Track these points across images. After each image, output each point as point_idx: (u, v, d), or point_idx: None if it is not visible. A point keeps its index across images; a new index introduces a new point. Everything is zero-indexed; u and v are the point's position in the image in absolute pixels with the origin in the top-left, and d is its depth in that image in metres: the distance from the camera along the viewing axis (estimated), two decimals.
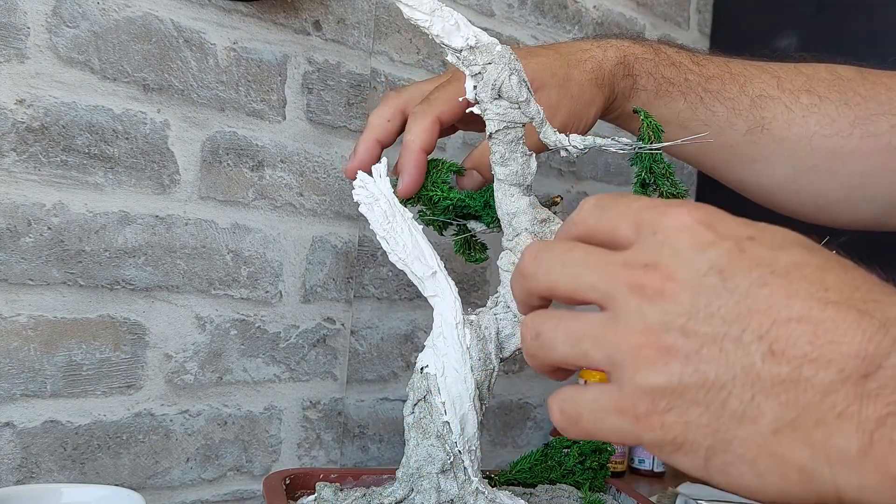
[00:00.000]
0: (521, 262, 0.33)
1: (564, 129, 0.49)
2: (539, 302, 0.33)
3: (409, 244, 0.52)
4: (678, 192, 0.54)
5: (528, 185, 0.51)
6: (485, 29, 0.49)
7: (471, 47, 0.47)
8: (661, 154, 0.53)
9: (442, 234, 0.62)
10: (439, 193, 0.57)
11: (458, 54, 0.47)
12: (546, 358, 0.32)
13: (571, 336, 0.30)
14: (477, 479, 0.51)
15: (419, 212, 0.60)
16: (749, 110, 0.64)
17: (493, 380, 0.52)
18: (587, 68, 0.60)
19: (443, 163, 0.58)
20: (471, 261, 0.62)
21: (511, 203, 0.51)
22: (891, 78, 0.63)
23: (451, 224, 0.62)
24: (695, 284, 0.27)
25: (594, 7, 1.05)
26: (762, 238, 0.28)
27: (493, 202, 0.56)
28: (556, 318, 0.31)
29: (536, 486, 0.61)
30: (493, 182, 0.52)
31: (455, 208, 0.59)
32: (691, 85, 0.64)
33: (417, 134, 0.55)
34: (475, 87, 0.48)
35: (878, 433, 0.24)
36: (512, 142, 0.49)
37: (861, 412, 0.24)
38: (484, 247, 0.62)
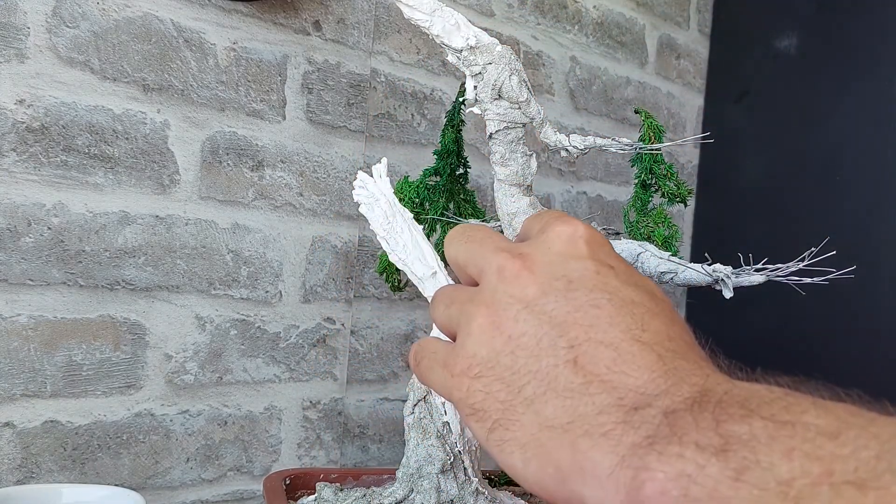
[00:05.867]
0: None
1: None
2: (460, 273, 0.37)
3: (409, 244, 0.52)
4: (682, 192, 0.54)
5: (528, 185, 0.51)
6: (485, 29, 0.49)
7: (471, 47, 0.47)
8: (661, 154, 0.53)
9: None
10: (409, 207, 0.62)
11: (459, 54, 0.47)
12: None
13: (448, 304, 0.34)
14: (477, 479, 0.51)
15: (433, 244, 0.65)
16: None
17: None
18: None
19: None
20: None
21: (511, 203, 0.51)
22: None
23: (449, 222, 0.62)
24: (544, 282, 0.31)
25: (594, 7, 1.05)
26: (621, 271, 0.32)
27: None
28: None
29: None
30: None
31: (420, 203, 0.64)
32: None
33: None
34: (475, 87, 0.48)
35: (626, 458, 0.26)
36: (512, 142, 0.49)
37: (622, 437, 0.27)
38: None
